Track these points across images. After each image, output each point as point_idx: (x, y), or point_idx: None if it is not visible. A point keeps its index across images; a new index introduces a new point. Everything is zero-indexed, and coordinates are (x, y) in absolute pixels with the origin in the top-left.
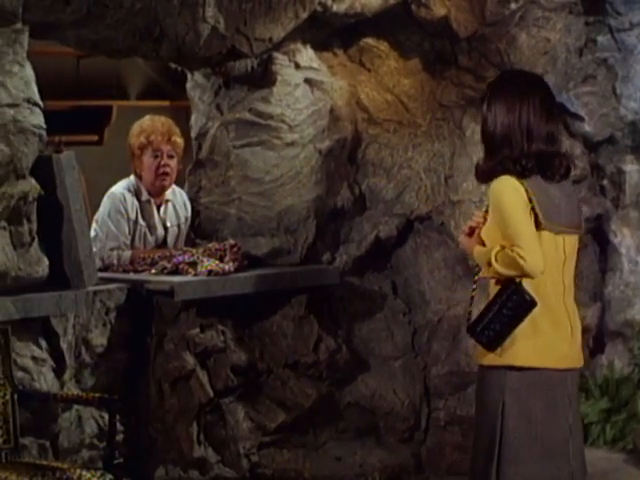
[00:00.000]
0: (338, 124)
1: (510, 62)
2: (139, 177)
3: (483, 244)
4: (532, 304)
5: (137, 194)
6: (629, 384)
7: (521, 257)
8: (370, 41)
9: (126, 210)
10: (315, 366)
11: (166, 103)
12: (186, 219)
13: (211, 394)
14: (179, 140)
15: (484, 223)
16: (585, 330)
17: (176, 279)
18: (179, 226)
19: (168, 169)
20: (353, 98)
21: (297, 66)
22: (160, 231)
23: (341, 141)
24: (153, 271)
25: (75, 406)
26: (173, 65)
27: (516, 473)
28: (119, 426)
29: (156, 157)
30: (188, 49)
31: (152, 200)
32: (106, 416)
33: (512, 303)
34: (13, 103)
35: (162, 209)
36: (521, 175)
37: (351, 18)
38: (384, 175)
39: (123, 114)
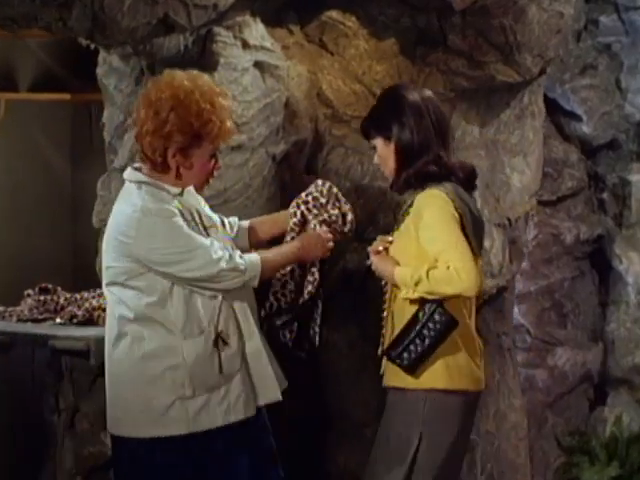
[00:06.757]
0: (295, 122)
1: (516, 42)
2: None
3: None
4: (455, 323)
5: None
6: None
7: (459, 275)
8: (334, 15)
9: None
10: None
11: (66, 96)
12: None
13: None
14: None
15: (391, 243)
16: (584, 378)
17: (92, 332)
18: None
19: None
20: (313, 88)
21: (245, 45)
22: None
23: (299, 144)
24: (58, 320)
25: None
26: (84, 41)
27: None
28: None
29: None
30: (107, 17)
31: None
32: None
33: (433, 323)
34: None
35: None
36: (444, 179)
37: None
38: (352, 188)
39: (13, 109)
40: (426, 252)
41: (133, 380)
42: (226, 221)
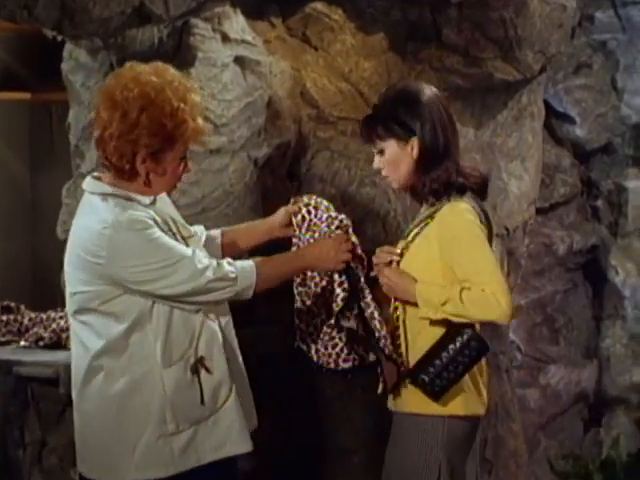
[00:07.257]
0: (278, 123)
1: (517, 37)
2: None
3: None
4: (486, 350)
5: None
6: None
7: (497, 299)
8: (318, 7)
9: None
10: None
11: (26, 96)
12: None
13: None
14: None
15: (402, 256)
16: (579, 397)
17: (60, 357)
18: None
19: None
20: (296, 86)
21: (225, 38)
22: None
23: (282, 147)
24: (23, 343)
25: None
26: (50, 33)
27: None
28: None
29: None
30: (77, 5)
31: None
32: None
33: (469, 350)
34: None
35: None
36: (469, 190)
37: None
38: (338, 195)
39: None
40: (451, 270)
41: (109, 420)
42: (192, 230)
